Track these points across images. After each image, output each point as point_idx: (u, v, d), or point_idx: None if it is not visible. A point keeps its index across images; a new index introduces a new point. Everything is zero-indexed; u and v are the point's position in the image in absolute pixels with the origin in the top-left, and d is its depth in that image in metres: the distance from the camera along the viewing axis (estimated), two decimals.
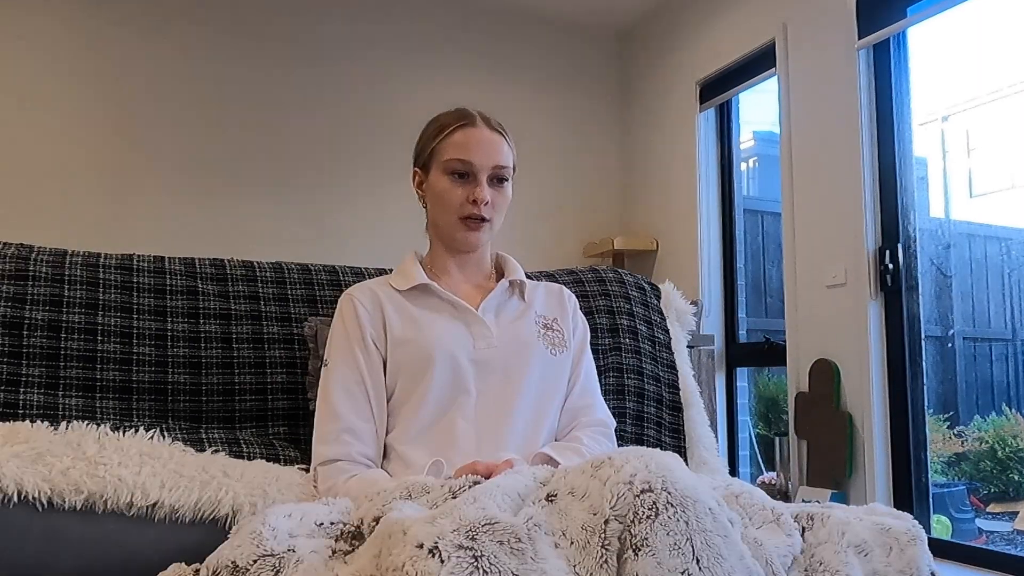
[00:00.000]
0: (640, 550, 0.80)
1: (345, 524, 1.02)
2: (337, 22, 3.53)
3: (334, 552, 0.96)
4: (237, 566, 0.92)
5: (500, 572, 0.78)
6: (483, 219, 1.40)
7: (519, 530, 0.82)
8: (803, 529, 1.02)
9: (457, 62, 3.69)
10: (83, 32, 3.16)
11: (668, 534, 0.80)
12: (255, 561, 0.92)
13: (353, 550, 0.97)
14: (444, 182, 1.40)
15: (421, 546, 0.79)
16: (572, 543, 0.84)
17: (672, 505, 0.82)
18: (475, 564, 0.78)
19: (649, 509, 0.82)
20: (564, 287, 1.60)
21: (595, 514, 0.84)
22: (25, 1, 3.07)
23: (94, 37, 3.17)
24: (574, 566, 0.82)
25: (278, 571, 0.91)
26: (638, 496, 0.83)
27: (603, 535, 0.83)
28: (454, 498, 0.95)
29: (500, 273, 1.53)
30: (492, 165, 1.40)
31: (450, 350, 1.36)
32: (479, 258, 1.50)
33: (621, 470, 0.86)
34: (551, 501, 0.89)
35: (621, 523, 0.83)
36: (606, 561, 0.82)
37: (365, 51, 3.56)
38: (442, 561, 0.77)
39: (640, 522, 0.81)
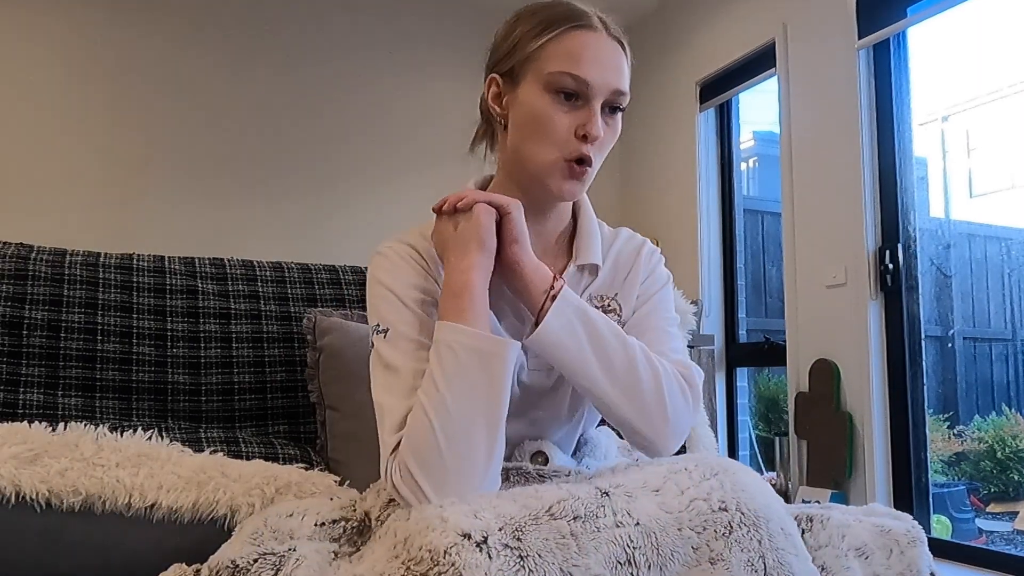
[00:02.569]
0: (716, 564, 0.81)
1: (347, 520, 1.01)
2: (336, 23, 3.53)
3: (336, 555, 0.95)
4: (237, 566, 0.92)
5: (546, 572, 0.76)
6: (590, 162, 1.05)
7: (563, 528, 0.81)
8: (802, 531, 1.02)
9: (456, 62, 3.69)
10: (84, 33, 3.15)
11: (743, 551, 0.80)
12: (255, 560, 0.92)
13: (357, 550, 0.96)
14: (545, 102, 1.04)
15: (468, 536, 0.76)
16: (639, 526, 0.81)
17: (745, 525, 0.82)
18: (521, 563, 0.76)
19: (724, 528, 0.82)
20: (647, 246, 1.24)
21: (668, 512, 0.83)
22: (29, 3, 3.07)
23: (94, 38, 3.17)
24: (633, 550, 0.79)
25: (278, 569, 0.91)
26: (714, 512, 0.82)
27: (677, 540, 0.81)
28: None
29: (572, 233, 1.17)
30: (611, 89, 1.05)
31: None
32: (563, 209, 1.16)
33: (699, 485, 0.85)
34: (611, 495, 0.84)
35: (696, 533, 0.82)
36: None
37: (363, 52, 3.56)
38: (490, 557, 0.75)
39: (716, 539, 0.81)
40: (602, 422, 1.28)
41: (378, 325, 1.05)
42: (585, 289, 1.14)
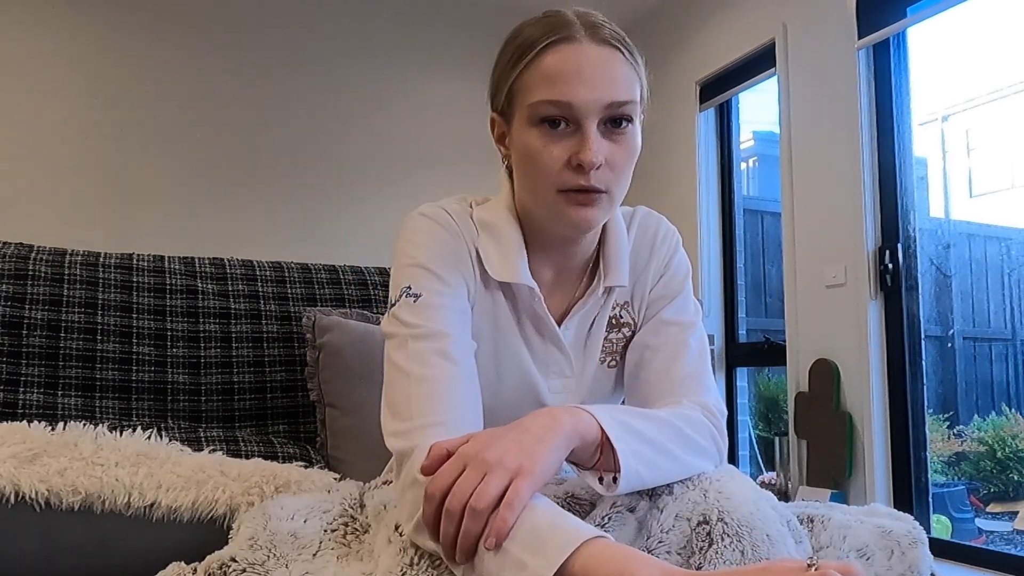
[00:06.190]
0: None
1: (354, 519, 1.01)
2: (334, 24, 3.53)
3: (338, 555, 0.95)
4: (228, 565, 0.92)
5: None
6: (596, 191, 0.93)
7: None
8: None
9: (454, 62, 3.69)
10: (85, 35, 3.15)
11: (724, 562, 0.79)
12: (250, 564, 0.92)
13: (359, 539, 0.96)
14: (532, 137, 0.93)
15: None
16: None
17: (728, 535, 0.80)
18: None
19: (703, 541, 0.81)
20: (659, 235, 1.15)
21: (651, 536, 0.83)
22: (29, 3, 3.07)
23: (96, 40, 3.17)
24: None
25: (285, 564, 0.91)
26: (694, 529, 0.82)
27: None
28: None
29: (597, 248, 1.06)
30: (604, 103, 0.92)
31: (516, 402, 1.01)
32: (588, 241, 1.05)
33: (680, 499, 0.84)
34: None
35: (678, 554, 0.81)
36: None
37: (362, 52, 3.56)
38: None
39: (694, 553, 0.80)
40: None
41: (409, 288, 0.94)
42: (604, 304, 1.07)
